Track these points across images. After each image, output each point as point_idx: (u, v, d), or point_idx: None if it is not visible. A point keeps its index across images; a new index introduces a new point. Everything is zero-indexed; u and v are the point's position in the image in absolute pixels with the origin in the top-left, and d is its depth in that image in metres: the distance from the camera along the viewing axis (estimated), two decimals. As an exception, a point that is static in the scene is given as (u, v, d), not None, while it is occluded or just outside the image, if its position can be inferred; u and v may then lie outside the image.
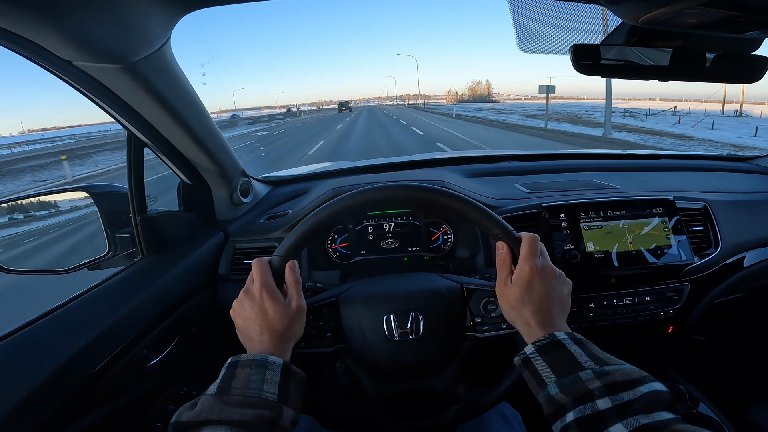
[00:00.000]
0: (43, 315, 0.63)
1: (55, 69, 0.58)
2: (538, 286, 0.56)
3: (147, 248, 0.82)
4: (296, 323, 0.58)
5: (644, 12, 0.61)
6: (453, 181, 1.01)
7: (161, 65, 0.67)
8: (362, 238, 1.00)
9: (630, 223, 0.88)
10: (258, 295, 0.56)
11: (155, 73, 0.67)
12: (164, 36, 0.63)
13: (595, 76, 0.76)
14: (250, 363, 0.50)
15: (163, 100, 0.71)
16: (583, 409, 0.44)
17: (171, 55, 0.68)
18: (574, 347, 0.50)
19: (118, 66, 0.60)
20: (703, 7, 0.56)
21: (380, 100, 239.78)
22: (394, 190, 0.62)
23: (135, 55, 0.60)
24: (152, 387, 0.76)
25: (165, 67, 0.68)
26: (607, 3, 0.63)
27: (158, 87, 0.68)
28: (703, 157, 1.47)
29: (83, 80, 0.62)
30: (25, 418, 0.50)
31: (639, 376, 0.46)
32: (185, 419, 0.45)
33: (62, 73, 0.59)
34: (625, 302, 0.89)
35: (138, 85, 0.65)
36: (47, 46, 0.53)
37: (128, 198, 0.79)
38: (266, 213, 1.07)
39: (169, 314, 0.77)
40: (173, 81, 0.71)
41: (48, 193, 0.82)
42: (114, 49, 0.57)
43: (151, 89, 0.68)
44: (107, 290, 0.73)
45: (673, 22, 0.62)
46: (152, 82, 0.67)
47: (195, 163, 0.89)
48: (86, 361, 0.59)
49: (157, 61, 0.65)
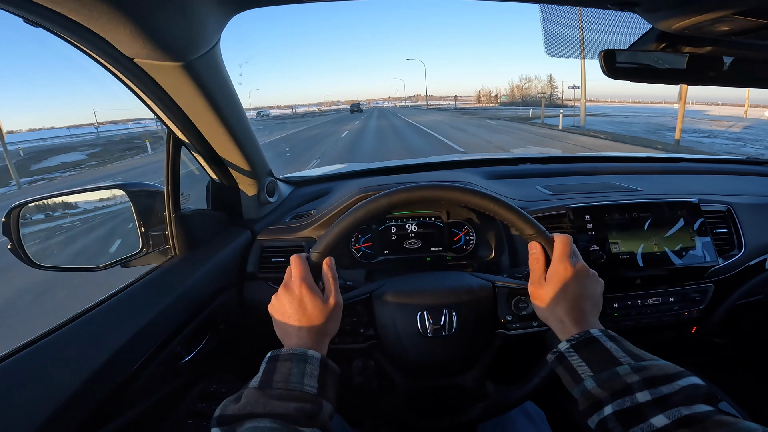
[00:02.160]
0: (88, 309, 0.65)
1: (116, 66, 0.59)
2: (573, 285, 0.57)
3: (179, 246, 0.84)
4: (333, 319, 0.59)
5: (679, 20, 0.62)
6: (478, 182, 1.03)
7: (213, 64, 0.69)
8: (385, 238, 1.01)
9: (655, 225, 0.89)
10: (298, 290, 0.57)
11: (207, 72, 0.68)
12: (218, 34, 0.64)
13: (625, 80, 0.78)
14: (291, 357, 0.51)
15: (210, 99, 0.72)
16: (621, 403, 0.45)
17: (220, 55, 0.70)
18: (609, 344, 0.51)
19: (176, 64, 0.62)
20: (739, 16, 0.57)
21: (390, 101, 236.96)
22: (429, 189, 0.63)
23: (193, 53, 0.62)
24: (184, 383, 0.77)
25: (216, 66, 0.70)
26: (642, 11, 0.64)
27: (208, 86, 0.70)
28: (724, 161, 1.48)
29: (139, 78, 0.63)
30: (69, 420, 0.50)
31: (676, 370, 0.47)
32: (230, 412, 0.46)
33: (121, 70, 0.60)
34: (649, 302, 0.91)
35: (190, 84, 0.67)
36: (114, 42, 0.54)
37: (161, 196, 0.80)
38: (291, 212, 1.08)
39: (201, 311, 0.78)
40: (221, 81, 0.73)
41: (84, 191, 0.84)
42: (175, 46, 0.59)
43: (202, 88, 0.69)
44: (144, 287, 0.74)
45: (706, 29, 0.63)
46: (204, 80, 0.68)
47: (228, 162, 0.91)
48: (127, 358, 0.60)
49: (210, 60, 0.67)
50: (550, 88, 73.68)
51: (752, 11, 0.55)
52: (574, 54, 0.88)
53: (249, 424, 0.43)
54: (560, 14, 0.78)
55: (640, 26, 0.76)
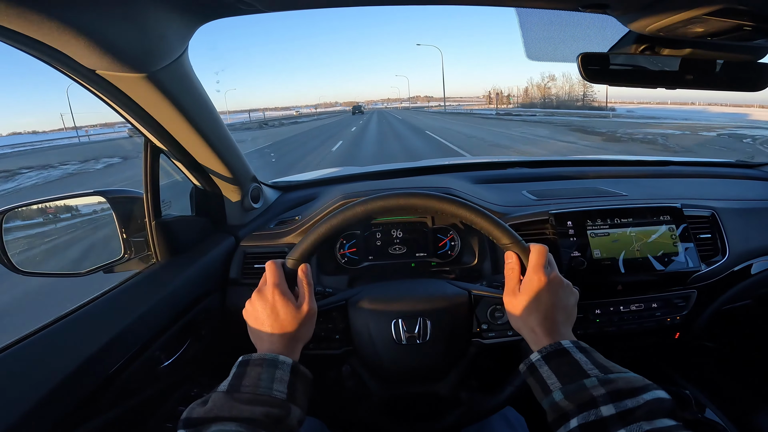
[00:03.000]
0: (62, 317, 0.65)
1: (79, 77, 0.59)
2: (546, 296, 0.57)
3: (161, 252, 0.84)
4: (306, 325, 0.59)
5: (651, 22, 0.62)
6: (460, 188, 1.02)
7: (180, 74, 0.69)
8: (370, 243, 1.01)
9: (637, 231, 0.88)
10: (270, 296, 0.57)
11: (174, 82, 0.68)
12: (183, 46, 0.65)
13: (603, 84, 0.77)
14: (261, 362, 0.52)
15: (180, 108, 0.73)
16: (587, 416, 0.45)
17: (189, 64, 0.70)
18: (579, 355, 0.51)
19: (140, 75, 0.62)
20: (709, 17, 0.56)
21: (389, 102, 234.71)
22: (404, 197, 0.63)
23: (156, 64, 0.62)
24: (164, 388, 0.77)
25: (183, 76, 0.70)
26: (614, 14, 0.64)
27: (177, 95, 0.70)
28: (712, 164, 1.47)
29: (105, 88, 0.63)
30: (41, 418, 0.51)
31: (642, 383, 0.46)
32: (196, 415, 0.46)
33: (85, 81, 0.61)
34: (631, 308, 0.90)
35: (158, 94, 0.67)
36: (72, 55, 0.55)
37: (143, 203, 0.81)
38: (276, 218, 1.08)
39: (182, 317, 0.78)
40: (191, 89, 0.73)
41: (65, 198, 0.84)
42: (136, 58, 0.59)
43: (170, 97, 0.69)
44: (123, 293, 0.74)
45: (681, 31, 0.63)
46: (171, 90, 0.69)
47: (208, 170, 0.91)
48: (102, 362, 0.60)
49: (176, 70, 0.67)
50: (583, 88, 65.81)
51: (722, 12, 0.55)
52: (555, 57, 0.87)
53: (215, 427, 0.44)
54: (537, 17, 0.77)
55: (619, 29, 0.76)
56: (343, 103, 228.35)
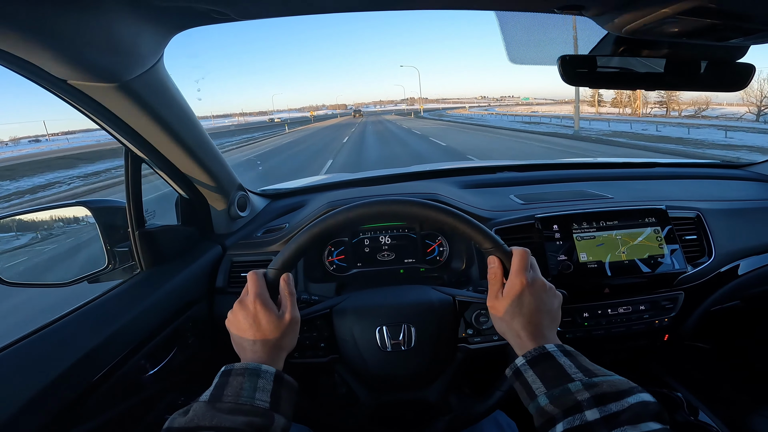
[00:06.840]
0: (43, 327, 0.64)
1: (51, 87, 0.59)
2: (529, 300, 0.57)
3: (145, 262, 0.83)
4: (289, 334, 0.59)
5: (626, 22, 0.62)
6: (447, 194, 1.02)
7: (155, 83, 0.69)
8: (358, 250, 1.01)
9: (623, 233, 0.88)
10: (252, 306, 0.57)
11: (149, 91, 0.68)
12: (156, 55, 0.64)
13: (584, 87, 0.77)
14: (243, 371, 0.52)
15: (157, 116, 0.72)
16: (572, 420, 0.45)
17: (164, 72, 0.70)
18: (563, 359, 0.51)
19: (112, 85, 0.62)
20: (683, 16, 0.57)
21: (382, 105, 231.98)
22: (386, 204, 0.63)
23: (128, 74, 0.62)
24: (150, 397, 0.76)
25: (159, 84, 0.70)
26: (589, 15, 0.64)
27: (153, 104, 0.70)
28: (698, 165, 1.48)
29: (78, 98, 0.63)
30: (21, 426, 0.50)
31: (627, 387, 0.46)
32: (177, 425, 0.46)
33: (57, 91, 0.60)
34: (619, 311, 0.89)
35: (133, 103, 0.67)
36: (42, 66, 0.54)
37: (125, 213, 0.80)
38: (263, 226, 1.08)
39: (167, 325, 0.78)
40: (168, 98, 0.73)
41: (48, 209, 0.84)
42: (107, 68, 0.59)
43: (145, 106, 0.69)
44: (106, 303, 0.74)
45: (656, 31, 0.63)
46: (146, 99, 0.68)
47: (192, 178, 0.91)
48: (84, 371, 0.60)
49: (150, 79, 0.67)
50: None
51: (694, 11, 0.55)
52: (538, 61, 0.87)
53: None
54: (516, 20, 0.78)
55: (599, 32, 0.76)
56: (329, 107, 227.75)
